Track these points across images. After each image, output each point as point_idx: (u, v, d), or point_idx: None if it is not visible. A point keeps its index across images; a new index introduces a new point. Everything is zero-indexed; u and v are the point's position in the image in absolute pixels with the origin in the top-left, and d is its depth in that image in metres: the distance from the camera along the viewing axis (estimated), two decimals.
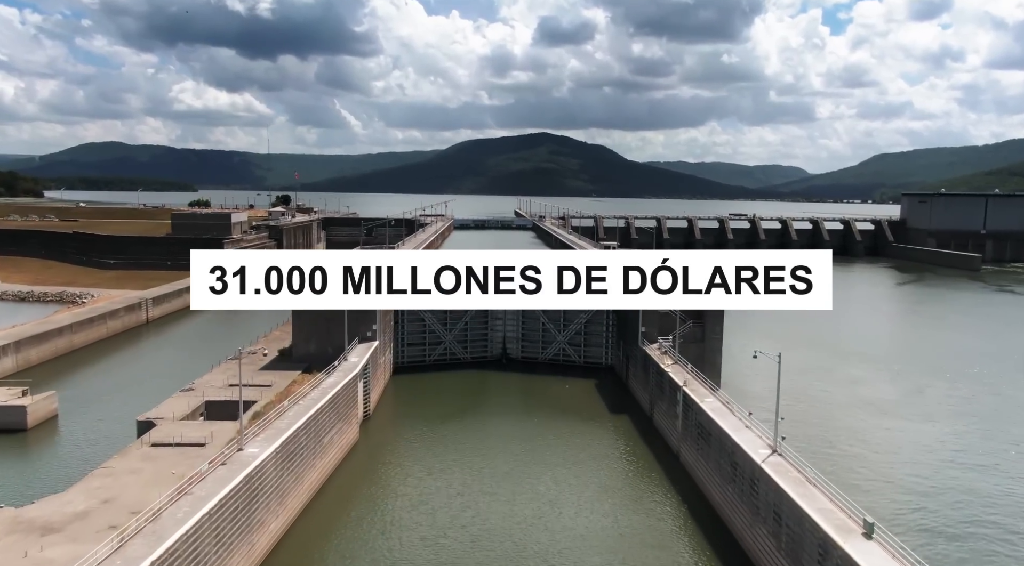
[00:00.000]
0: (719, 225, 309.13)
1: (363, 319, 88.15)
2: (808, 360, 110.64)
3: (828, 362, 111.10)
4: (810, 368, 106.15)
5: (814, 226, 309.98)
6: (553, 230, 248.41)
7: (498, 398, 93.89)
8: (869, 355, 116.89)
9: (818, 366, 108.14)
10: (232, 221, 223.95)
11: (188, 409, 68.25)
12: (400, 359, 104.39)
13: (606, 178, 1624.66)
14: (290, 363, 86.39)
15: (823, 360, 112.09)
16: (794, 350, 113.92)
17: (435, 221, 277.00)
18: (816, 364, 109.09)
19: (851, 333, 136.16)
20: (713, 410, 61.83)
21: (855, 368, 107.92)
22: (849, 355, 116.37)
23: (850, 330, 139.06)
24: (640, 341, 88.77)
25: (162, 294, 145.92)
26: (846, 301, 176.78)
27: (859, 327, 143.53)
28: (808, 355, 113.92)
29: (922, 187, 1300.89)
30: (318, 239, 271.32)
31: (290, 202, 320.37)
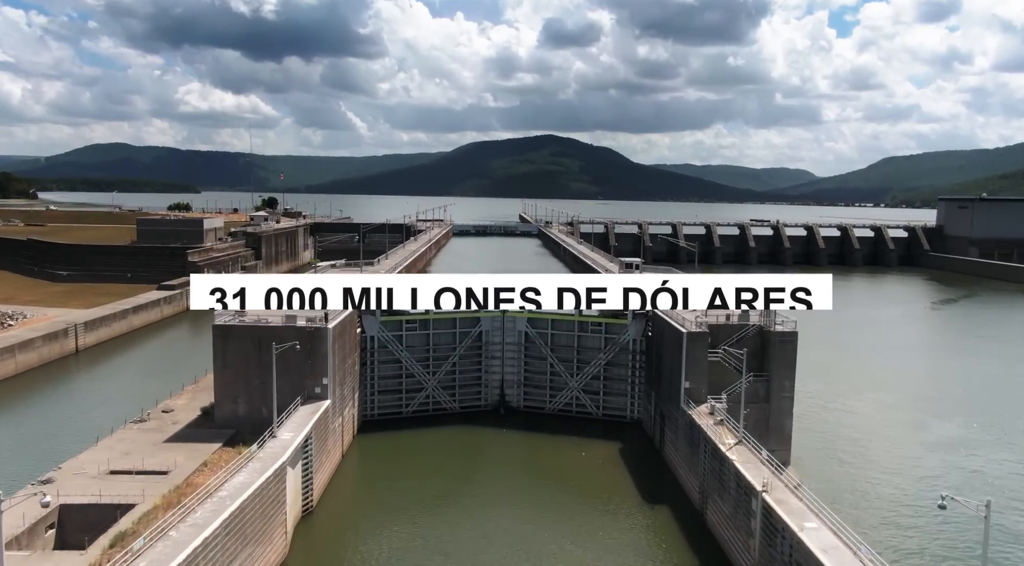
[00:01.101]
0: (739, 232, 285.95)
1: (309, 369, 65.57)
2: (883, 412, 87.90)
3: (909, 413, 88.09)
4: (891, 424, 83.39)
5: (842, 233, 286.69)
6: (561, 239, 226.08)
7: (493, 470, 71.15)
8: (961, 403, 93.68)
9: (901, 420, 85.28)
10: (204, 228, 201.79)
11: (25, 523, 45.76)
12: (369, 411, 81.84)
13: (612, 180, 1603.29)
14: (210, 430, 63.93)
15: (902, 411, 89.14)
16: (859, 397, 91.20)
17: (431, 227, 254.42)
18: (895, 416, 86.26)
19: (915, 368, 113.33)
20: (823, 550, 38.99)
21: (953, 424, 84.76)
22: (925, 402, 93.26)
23: (912, 363, 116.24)
24: (682, 400, 66.05)
25: (100, 317, 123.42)
26: (891, 322, 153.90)
27: (920, 360, 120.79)
28: (880, 405, 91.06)
29: (933, 191, 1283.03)
30: (305, 246, 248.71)
31: (276, 205, 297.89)
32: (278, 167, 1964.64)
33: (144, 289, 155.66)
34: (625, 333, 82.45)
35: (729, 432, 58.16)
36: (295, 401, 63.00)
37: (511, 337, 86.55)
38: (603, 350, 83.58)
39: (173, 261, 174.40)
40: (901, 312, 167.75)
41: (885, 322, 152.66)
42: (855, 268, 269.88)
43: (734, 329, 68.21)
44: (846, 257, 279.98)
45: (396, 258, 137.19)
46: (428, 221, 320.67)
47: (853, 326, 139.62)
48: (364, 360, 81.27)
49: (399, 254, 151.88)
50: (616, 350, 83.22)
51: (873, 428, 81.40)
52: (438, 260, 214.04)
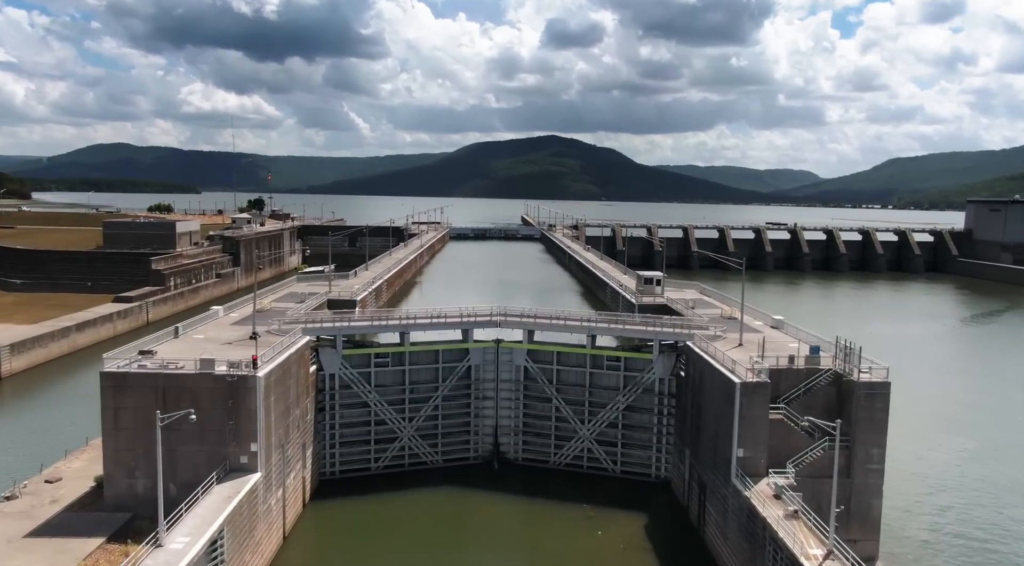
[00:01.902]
0: (755, 235, 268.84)
1: (231, 433, 48.72)
2: (974, 465, 70.98)
3: (1009, 466, 71.12)
4: (990, 484, 66.47)
5: (864, 237, 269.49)
6: (567, 245, 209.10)
7: (482, 551, 54.40)
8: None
9: (1001, 477, 68.31)
10: (178, 231, 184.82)
11: None
12: (327, 468, 65.00)
13: (615, 182, 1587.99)
14: (96, 514, 47.22)
15: (998, 463, 72.18)
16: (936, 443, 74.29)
17: (427, 231, 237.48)
18: (992, 472, 69.29)
19: (988, 401, 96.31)
20: None
21: None
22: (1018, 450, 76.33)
23: (982, 394, 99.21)
24: (734, 472, 49.16)
25: (35, 336, 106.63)
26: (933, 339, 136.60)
27: (990, 389, 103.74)
28: (970, 456, 74.11)
29: (940, 193, 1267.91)
30: (292, 250, 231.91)
31: (263, 207, 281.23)
32: (280, 167, 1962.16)
33: (104, 299, 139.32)
34: (650, 370, 65.71)
35: (810, 533, 41.21)
36: (210, 479, 46.17)
37: (507, 372, 69.86)
38: (622, 391, 66.78)
39: (138, 268, 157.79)
40: (941, 327, 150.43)
41: (927, 339, 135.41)
42: (878, 275, 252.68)
43: (801, 376, 51.44)
44: (868, 263, 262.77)
45: (378, 268, 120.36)
46: (424, 224, 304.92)
47: (891, 344, 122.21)
48: (321, 405, 64.47)
49: (383, 263, 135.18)
50: (638, 391, 66.41)
51: (970, 490, 64.49)
52: (431, 268, 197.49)
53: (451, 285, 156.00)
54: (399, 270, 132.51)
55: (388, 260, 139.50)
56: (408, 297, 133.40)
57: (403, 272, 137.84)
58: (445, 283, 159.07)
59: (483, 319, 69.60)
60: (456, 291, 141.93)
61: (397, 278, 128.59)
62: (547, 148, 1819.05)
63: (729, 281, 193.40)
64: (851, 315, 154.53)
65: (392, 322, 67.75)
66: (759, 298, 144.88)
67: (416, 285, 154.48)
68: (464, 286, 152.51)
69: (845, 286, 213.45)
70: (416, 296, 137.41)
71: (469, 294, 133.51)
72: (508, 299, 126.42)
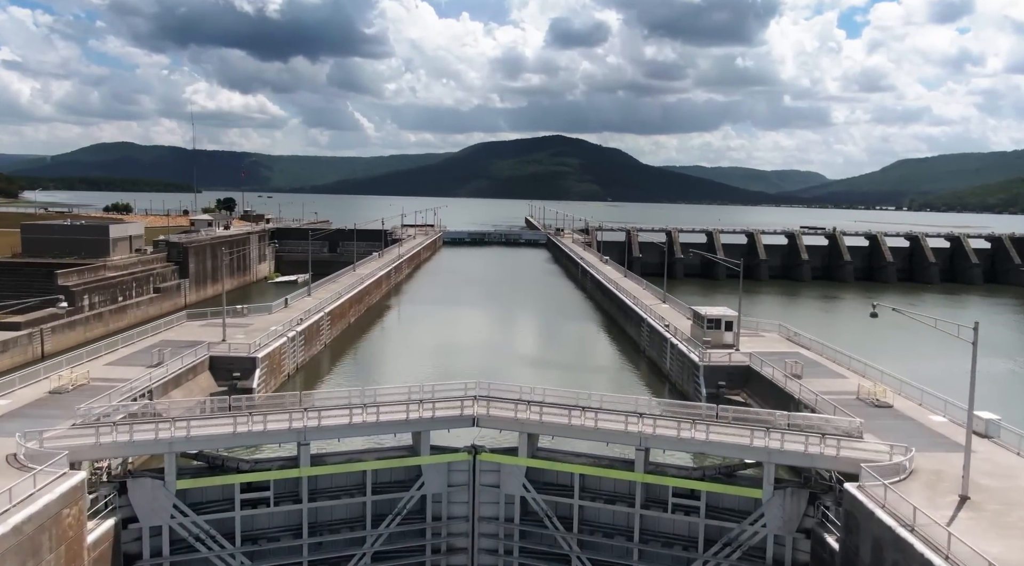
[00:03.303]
0: (788, 241, 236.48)
1: None
2: None
3: None
4: None
5: (912, 243, 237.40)
6: (576, 253, 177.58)
7: None
8: None
9: None
10: (112, 236, 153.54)
11: None
12: None
13: (621, 182, 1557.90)
14: None
15: None
16: None
17: (414, 235, 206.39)
18: None
19: None
20: None
21: None
22: None
23: None
24: None
25: None
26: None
27: None
28: None
29: (954, 194, 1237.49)
30: (262, 257, 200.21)
31: (234, 206, 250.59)
32: (284, 167, 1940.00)
33: (9, 318, 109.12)
34: (757, 521, 34.90)
35: None
36: None
37: (490, 509, 38.94)
38: (700, 552, 35.86)
39: (51, 282, 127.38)
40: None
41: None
42: (929, 286, 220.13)
43: None
44: (917, 272, 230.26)
45: (324, 295, 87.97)
46: (415, 227, 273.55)
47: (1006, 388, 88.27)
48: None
49: (341, 281, 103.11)
50: (732, 555, 35.48)
51: None
52: (411, 286, 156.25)
53: (427, 315, 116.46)
54: (359, 293, 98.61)
55: (348, 278, 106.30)
56: (358, 345, 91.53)
57: (365, 295, 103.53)
58: (422, 311, 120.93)
59: (448, 412, 38.88)
60: (431, 326, 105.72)
61: (353, 305, 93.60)
62: (552, 148, 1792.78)
63: (761, 293, 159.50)
64: (947, 348, 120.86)
65: (275, 425, 36.57)
66: (806, 318, 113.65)
67: (381, 316, 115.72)
68: (445, 317, 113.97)
69: (902, 301, 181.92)
70: (372, 341, 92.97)
71: (447, 333, 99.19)
72: (500, 348, 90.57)
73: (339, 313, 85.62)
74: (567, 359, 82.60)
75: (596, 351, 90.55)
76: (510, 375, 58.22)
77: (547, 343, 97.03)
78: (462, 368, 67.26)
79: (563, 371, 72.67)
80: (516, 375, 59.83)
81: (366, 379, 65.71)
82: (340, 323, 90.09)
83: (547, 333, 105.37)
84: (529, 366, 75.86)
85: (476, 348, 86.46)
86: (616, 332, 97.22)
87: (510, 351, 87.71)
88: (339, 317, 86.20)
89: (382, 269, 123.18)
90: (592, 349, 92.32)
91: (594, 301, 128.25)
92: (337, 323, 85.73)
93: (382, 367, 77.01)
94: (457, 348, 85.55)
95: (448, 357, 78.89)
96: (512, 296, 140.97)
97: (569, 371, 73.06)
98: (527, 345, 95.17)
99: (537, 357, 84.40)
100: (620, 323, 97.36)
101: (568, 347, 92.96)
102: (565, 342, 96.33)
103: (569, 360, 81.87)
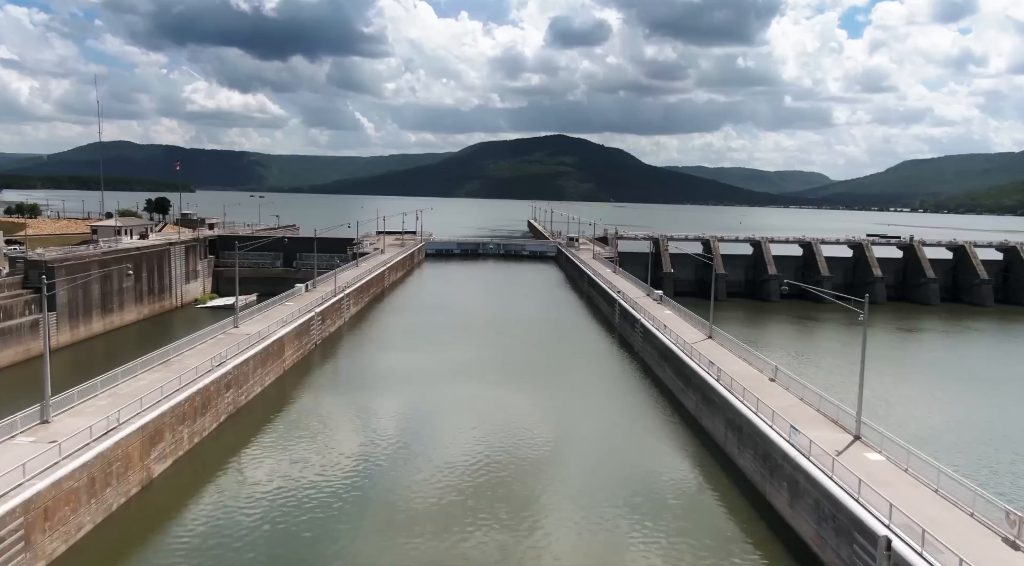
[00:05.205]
0: (852, 252, 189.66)
1: None
2: None
3: None
4: None
5: (1006, 254, 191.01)
6: (607, 280, 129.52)
7: None
8: None
9: None
10: None
11: None
12: None
13: (623, 183, 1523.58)
14: None
15: None
16: None
17: (382, 250, 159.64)
18: None
19: None
20: None
21: None
22: None
23: None
24: None
25: None
26: None
27: None
28: None
29: (967, 195, 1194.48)
30: (191, 274, 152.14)
31: (168, 208, 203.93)
32: (283, 166, 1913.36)
33: None
34: None
35: None
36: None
37: None
38: None
39: None
40: None
41: None
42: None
43: None
44: (1015, 293, 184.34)
45: (165, 371, 41.22)
46: (396, 234, 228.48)
47: None
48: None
49: (200, 351, 55.26)
50: None
51: None
52: (350, 343, 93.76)
53: (352, 425, 59.81)
54: (226, 380, 47.99)
55: (216, 345, 55.42)
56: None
57: (243, 382, 52.19)
58: (343, 411, 63.19)
59: None
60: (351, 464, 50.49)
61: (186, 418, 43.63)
62: (553, 148, 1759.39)
63: (823, 320, 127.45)
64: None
65: None
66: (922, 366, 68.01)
67: (260, 435, 56.50)
68: (391, 427, 59.20)
69: (999, 330, 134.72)
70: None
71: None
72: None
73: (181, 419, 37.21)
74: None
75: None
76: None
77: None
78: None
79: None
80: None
81: None
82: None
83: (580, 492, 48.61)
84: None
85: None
86: (692, 442, 50.41)
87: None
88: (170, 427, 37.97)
89: (303, 313, 75.97)
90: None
91: (648, 378, 75.55)
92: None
93: None
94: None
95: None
96: (506, 355, 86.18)
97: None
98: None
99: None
100: (692, 425, 50.74)
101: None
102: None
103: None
